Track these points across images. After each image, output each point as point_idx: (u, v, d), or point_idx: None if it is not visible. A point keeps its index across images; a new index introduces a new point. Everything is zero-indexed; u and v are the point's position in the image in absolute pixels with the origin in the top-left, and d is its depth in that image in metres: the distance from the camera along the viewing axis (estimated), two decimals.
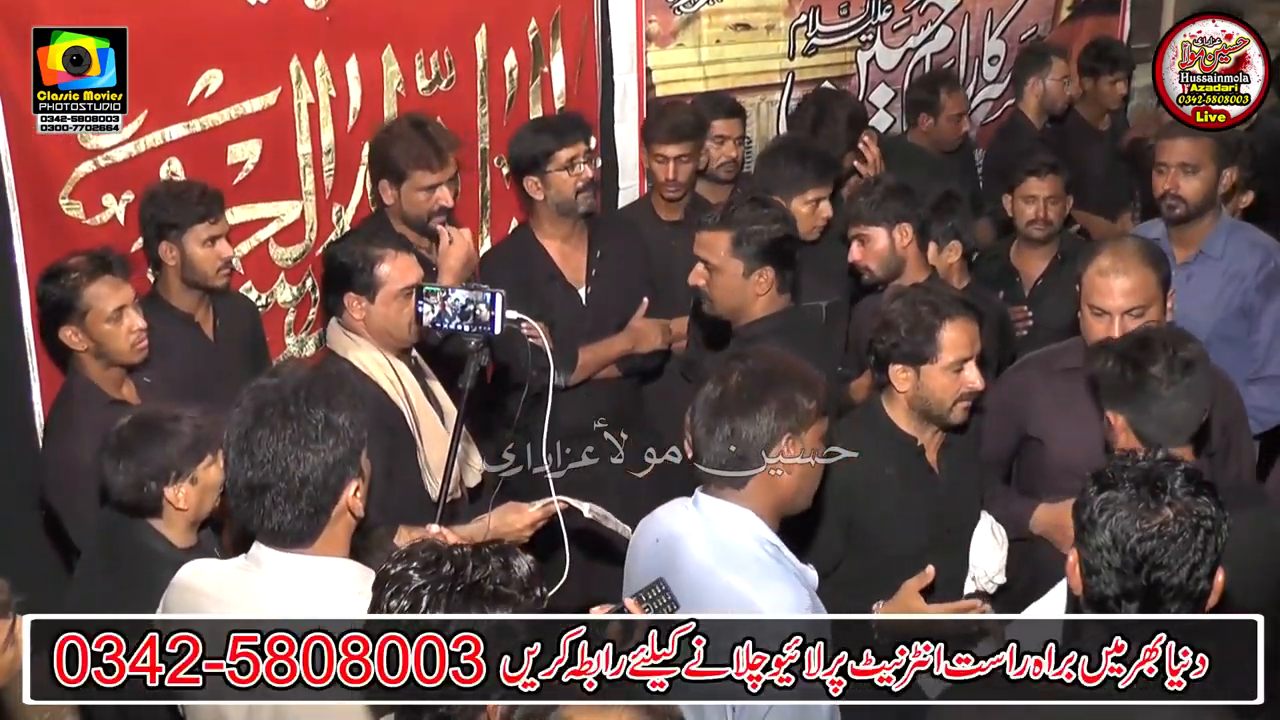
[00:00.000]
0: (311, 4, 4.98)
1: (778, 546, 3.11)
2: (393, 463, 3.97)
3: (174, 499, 3.59)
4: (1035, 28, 7.68)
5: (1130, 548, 2.52)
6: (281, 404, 2.73)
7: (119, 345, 4.18)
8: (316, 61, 5.06)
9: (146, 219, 4.56)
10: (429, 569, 2.36)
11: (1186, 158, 5.11)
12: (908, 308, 3.86)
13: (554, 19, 5.67)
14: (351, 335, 4.15)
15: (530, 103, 5.68)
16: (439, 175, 4.85)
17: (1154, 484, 2.54)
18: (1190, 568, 2.51)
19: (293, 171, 5.12)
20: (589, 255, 5.17)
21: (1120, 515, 2.54)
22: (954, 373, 3.80)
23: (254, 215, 5.08)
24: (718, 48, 6.35)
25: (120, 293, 4.17)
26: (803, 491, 3.18)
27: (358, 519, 2.83)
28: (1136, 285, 4.03)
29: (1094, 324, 4.07)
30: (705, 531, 3.12)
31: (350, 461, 2.76)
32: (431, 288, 3.58)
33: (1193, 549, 2.51)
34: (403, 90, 5.28)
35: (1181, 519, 2.51)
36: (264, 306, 5.14)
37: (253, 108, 4.95)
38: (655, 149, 5.49)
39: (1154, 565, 2.51)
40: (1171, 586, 2.52)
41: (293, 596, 2.73)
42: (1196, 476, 2.58)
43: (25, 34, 4.39)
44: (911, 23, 7.10)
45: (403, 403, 4.12)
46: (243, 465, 2.73)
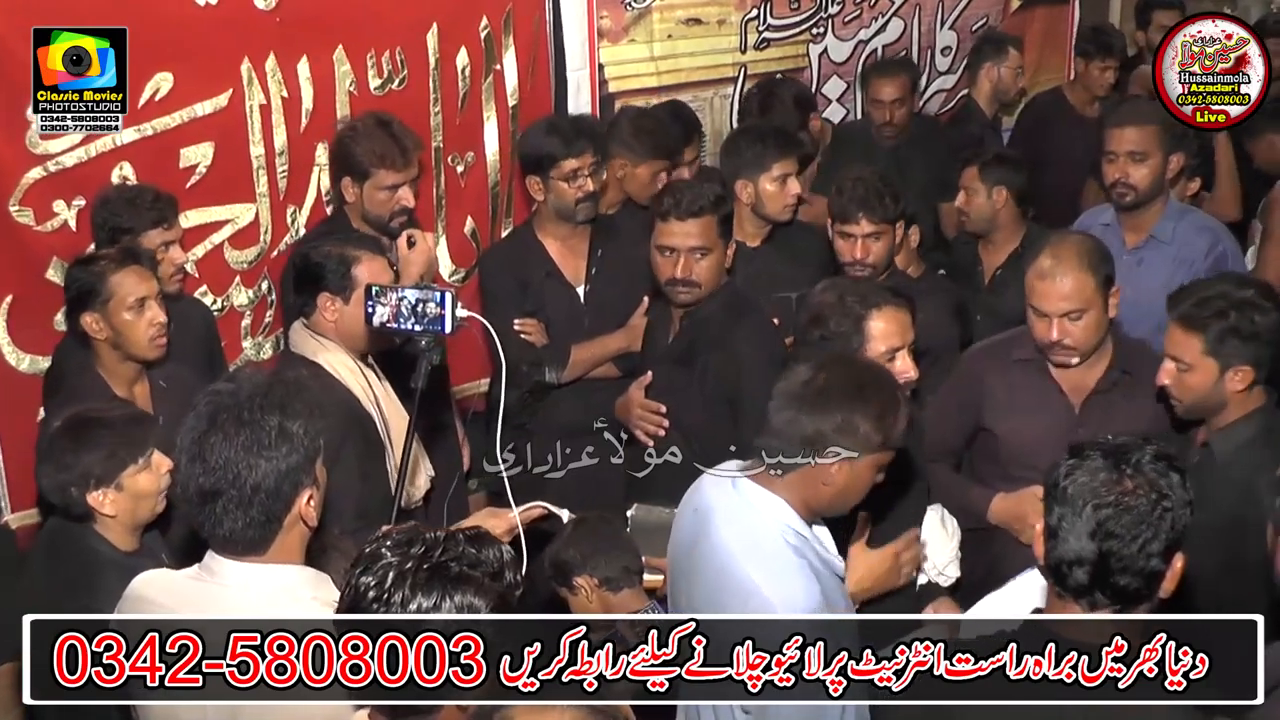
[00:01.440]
0: (261, 5, 4.95)
1: (805, 538, 3.12)
2: (365, 468, 3.98)
3: (98, 505, 3.54)
4: (986, 19, 7.72)
5: (1087, 513, 2.55)
6: (236, 410, 2.71)
7: (137, 336, 4.17)
8: (268, 63, 5.03)
9: (99, 223, 4.53)
10: (400, 548, 2.38)
11: (1135, 146, 5.16)
12: (835, 299, 3.83)
13: (505, 17, 5.66)
14: (319, 338, 4.13)
15: (483, 101, 5.68)
16: (402, 175, 4.84)
17: (1121, 456, 2.57)
18: (1143, 542, 2.53)
19: (246, 174, 5.09)
20: (590, 254, 5.17)
21: (1082, 480, 2.57)
22: (885, 362, 3.72)
23: (208, 218, 5.05)
24: (669, 43, 6.36)
25: (146, 284, 4.18)
26: (843, 501, 3.18)
27: (311, 528, 2.81)
28: (1073, 289, 4.05)
29: (1036, 323, 4.12)
30: (737, 513, 3.15)
31: (304, 469, 2.75)
32: (382, 288, 3.56)
33: (1147, 524, 2.53)
34: (355, 90, 5.26)
35: (1140, 492, 2.54)
36: (220, 310, 5.12)
37: (204, 110, 4.92)
38: (651, 165, 5.48)
39: (1106, 533, 2.53)
40: (1123, 557, 2.54)
41: (247, 605, 2.72)
42: (1168, 457, 2.60)
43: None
44: (862, 15, 7.12)
45: (373, 407, 4.11)
46: (195, 471, 2.71)
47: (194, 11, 4.79)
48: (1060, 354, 4.11)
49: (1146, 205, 5.22)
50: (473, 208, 5.74)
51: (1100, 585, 2.58)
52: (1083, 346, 4.09)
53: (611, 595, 3.70)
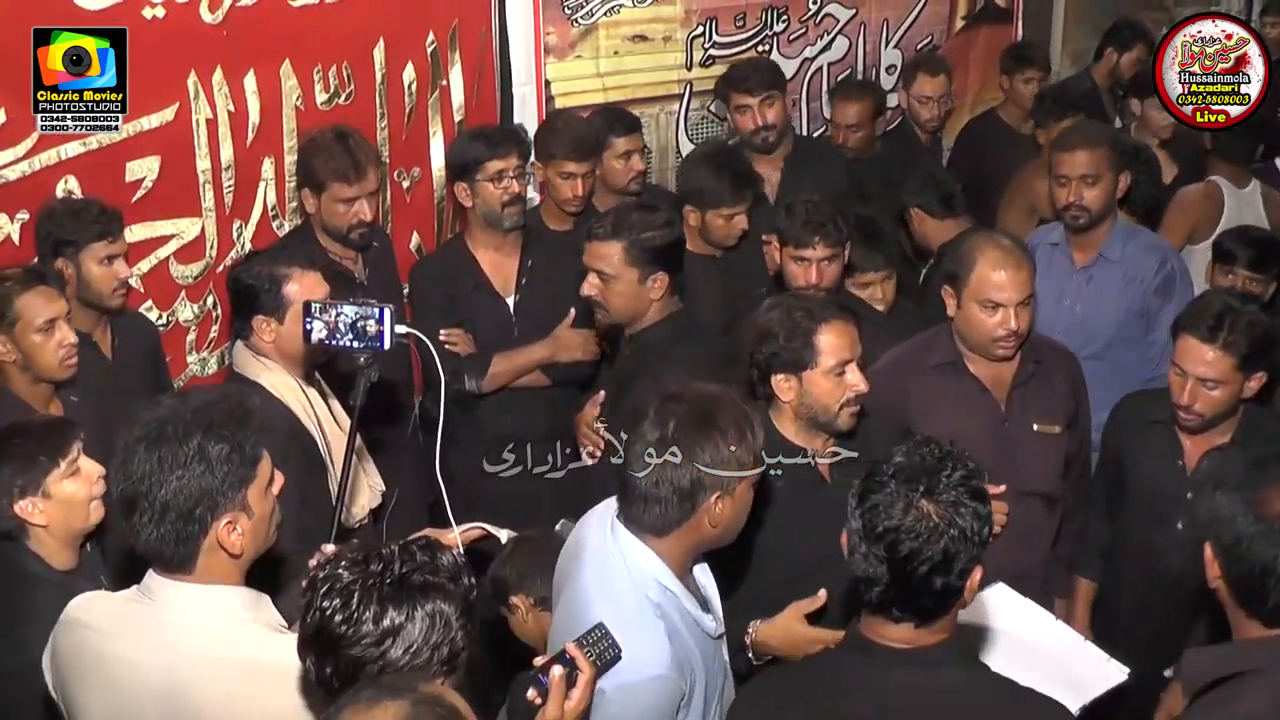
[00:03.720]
0: (208, 19, 4.95)
1: (672, 594, 3.10)
2: (305, 488, 3.95)
3: (27, 515, 3.49)
4: (930, 38, 7.79)
5: (875, 536, 2.64)
6: (162, 423, 2.71)
7: (47, 359, 4.14)
8: (214, 77, 5.04)
9: (43, 236, 4.51)
10: (356, 566, 2.40)
11: (1087, 169, 5.20)
12: (784, 315, 3.87)
13: (452, 32, 5.68)
14: (260, 359, 4.13)
15: (429, 115, 5.70)
16: (356, 189, 4.88)
17: (914, 482, 2.65)
18: (931, 566, 2.63)
19: (192, 188, 5.09)
20: (520, 265, 5.20)
21: (872, 505, 2.66)
22: (836, 376, 3.80)
23: (154, 233, 5.05)
24: (616, 59, 6.41)
25: (53, 305, 4.15)
26: (729, 533, 3.19)
27: (234, 556, 2.77)
28: (1028, 277, 4.23)
29: (987, 320, 4.22)
30: (605, 560, 3.13)
31: (221, 493, 2.71)
32: (320, 304, 3.55)
33: (934, 550, 2.62)
34: (301, 105, 5.27)
35: (928, 521, 2.62)
36: (165, 325, 5.11)
37: (150, 124, 4.92)
38: (559, 165, 5.44)
39: (894, 557, 2.63)
40: (914, 579, 2.64)
41: (185, 629, 2.73)
42: (964, 483, 2.67)
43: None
44: (808, 33, 7.18)
45: (314, 427, 4.12)
46: (119, 477, 2.73)
47: (140, 24, 4.78)
48: (1012, 342, 4.25)
49: (1097, 226, 5.28)
50: (418, 222, 5.77)
51: (895, 603, 2.69)
52: (1026, 334, 4.28)
53: (547, 615, 3.66)
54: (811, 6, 7.16)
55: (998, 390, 4.36)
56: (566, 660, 2.73)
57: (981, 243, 4.35)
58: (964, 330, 4.32)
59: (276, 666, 2.66)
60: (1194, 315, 4.22)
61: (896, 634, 2.72)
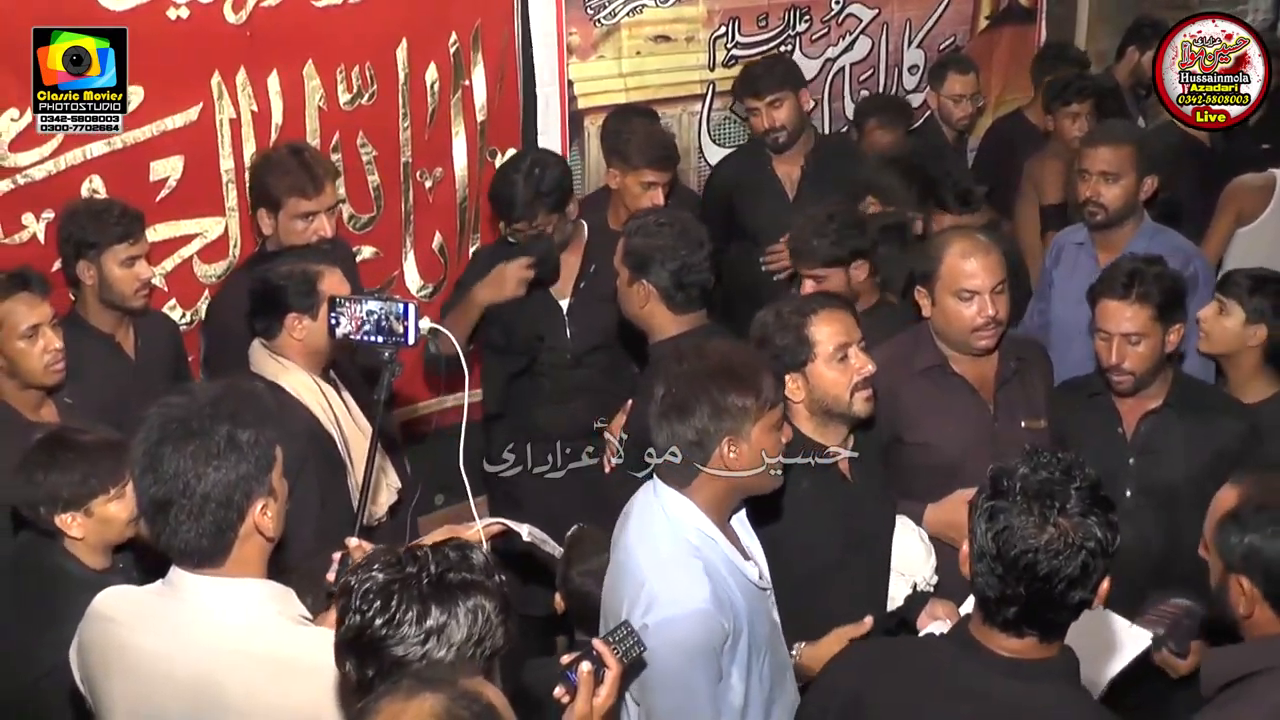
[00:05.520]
0: (232, 19, 4.97)
1: (711, 539, 3.19)
2: (326, 489, 3.98)
3: (65, 527, 3.53)
4: (953, 38, 7.78)
5: (1012, 559, 2.60)
6: (185, 420, 2.71)
7: (32, 365, 4.12)
8: (238, 77, 5.05)
9: (64, 238, 4.52)
10: (391, 568, 2.41)
11: (1108, 166, 5.19)
12: (775, 317, 3.89)
13: (474, 32, 5.69)
14: (279, 359, 4.12)
15: (452, 116, 5.71)
16: (315, 203, 4.70)
17: (1045, 499, 2.60)
18: (1068, 584, 2.59)
19: (216, 188, 5.11)
20: (581, 268, 5.18)
21: (1004, 526, 2.62)
22: (839, 362, 3.81)
23: (177, 232, 5.07)
24: (638, 59, 6.41)
25: (36, 311, 4.11)
26: (758, 480, 3.26)
27: (270, 539, 2.81)
28: (997, 262, 4.27)
29: (964, 310, 4.23)
30: (647, 513, 3.25)
31: (255, 478, 2.74)
32: (345, 299, 3.56)
33: (1073, 566, 2.58)
34: (324, 105, 5.28)
35: (1066, 538, 2.58)
36: (188, 324, 5.13)
37: (174, 124, 4.94)
38: (640, 174, 5.42)
39: (1034, 577, 2.59)
40: (1050, 599, 2.61)
41: (210, 621, 2.74)
42: (1092, 494, 2.63)
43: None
44: (830, 33, 7.18)
45: (333, 428, 4.11)
46: (147, 481, 2.72)
47: (165, 25, 4.80)
48: (993, 330, 4.26)
49: (1119, 225, 5.26)
50: (441, 223, 5.77)
51: (1028, 621, 2.66)
52: (1005, 322, 4.31)
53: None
54: (834, 6, 7.16)
55: (984, 390, 4.35)
56: (594, 656, 2.75)
57: (947, 237, 4.43)
58: (943, 327, 4.31)
59: (301, 659, 2.67)
60: (1106, 279, 4.32)
61: (1012, 645, 2.70)
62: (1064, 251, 5.47)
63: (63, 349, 4.16)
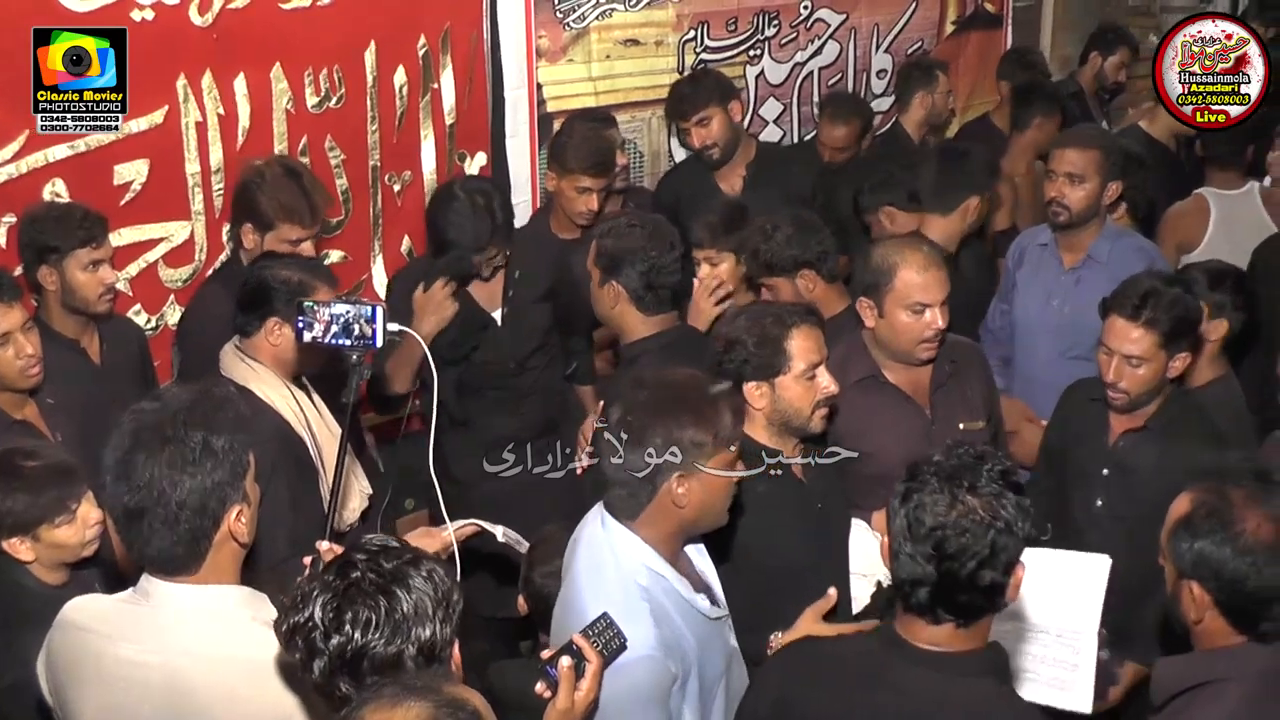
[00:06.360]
0: (198, 21, 4.91)
1: (661, 577, 3.11)
2: (297, 493, 3.94)
3: (14, 550, 3.52)
4: (920, 42, 7.82)
5: (922, 536, 2.65)
6: (159, 427, 2.70)
7: (7, 371, 4.06)
8: (204, 79, 5.00)
9: (26, 242, 4.44)
10: (329, 590, 2.39)
11: (1073, 168, 5.25)
12: (752, 323, 3.87)
13: (443, 35, 5.65)
14: (250, 363, 4.09)
15: (421, 120, 5.67)
16: (307, 231, 4.67)
17: (956, 479, 2.67)
18: (979, 562, 2.64)
19: (181, 191, 5.05)
20: (506, 278, 5.14)
21: (915, 504, 2.68)
22: (808, 380, 3.82)
23: (142, 236, 5.00)
24: (608, 63, 6.38)
25: (8, 317, 4.05)
26: (707, 516, 3.18)
27: (243, 545, 2.79)
28: (946, 274, 4.28)
29: (914, 324, 4.23)
30: (595, 549, 3.16)
31: (230, 485, 2.73)
32: (310, 304, 3.53)
33: (982, 545, 2.63)
34: (292, 108, 5.23)
35: (974, 515, 2.63)
36: (154, 329, 5.07)
37: (139, 127, 4.88)
38: (575, 179, 5.41)
39: (944, 555, 2.64)
40: (961, 578, 2.65)
41: (183, 627, 2.71)
42: (1004, 477, 2.69)
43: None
44: (799, 38, 7.19)
45: (304, 432, 4.08)
46: (120, 490, 2.70)
47: (130, 27, 4.72)
48: (936, 342, 4.29)
49: (1082, 226, 5.31)
50: (409, 226, 5.72)
51: (941, 603, 2.70)
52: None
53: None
54: (803, 11, 7.16)
55: (919, 396, 4.35)
56: (574, 651, 2.75)
57: (898, 248, 4.36)
58: (888, 338, 4.30)
59: (278, 663, 2.64)
60: (1121, 295, 4.26)
61: (933, 635, 2.74)
62: (1027, 253, 5.53)
63: (37, 353, 4.10)
